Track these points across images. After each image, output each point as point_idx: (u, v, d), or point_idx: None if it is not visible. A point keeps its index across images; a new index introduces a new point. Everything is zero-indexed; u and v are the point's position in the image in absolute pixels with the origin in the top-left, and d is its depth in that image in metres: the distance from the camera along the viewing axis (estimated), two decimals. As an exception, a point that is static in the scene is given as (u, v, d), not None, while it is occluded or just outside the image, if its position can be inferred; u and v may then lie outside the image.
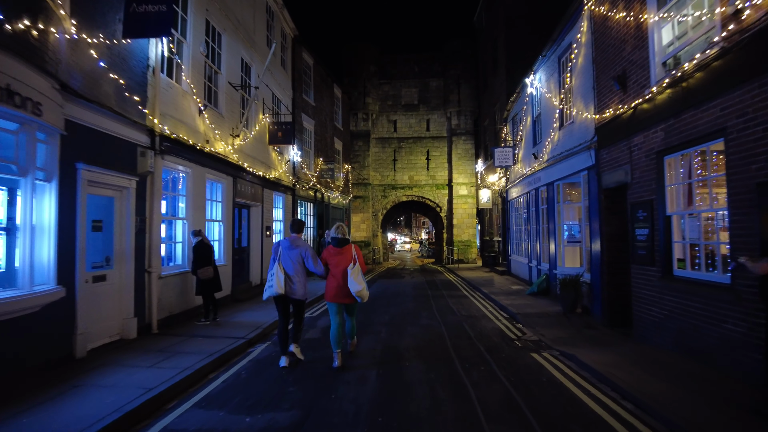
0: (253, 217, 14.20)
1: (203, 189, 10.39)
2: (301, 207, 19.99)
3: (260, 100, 14.53)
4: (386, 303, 12.58)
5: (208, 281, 9.15)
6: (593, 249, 10.08)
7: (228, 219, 11.81)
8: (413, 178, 31.63)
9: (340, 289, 6.44)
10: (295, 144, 18.23)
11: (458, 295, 14.23)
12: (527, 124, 15.92)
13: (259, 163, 14.18)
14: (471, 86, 30.89)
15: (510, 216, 19.75)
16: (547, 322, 9.62)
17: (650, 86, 7.31)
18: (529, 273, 15.77)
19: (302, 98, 19.85)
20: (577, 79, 10.85)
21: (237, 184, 12.32)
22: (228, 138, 11.87)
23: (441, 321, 9.99)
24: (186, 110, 9.63)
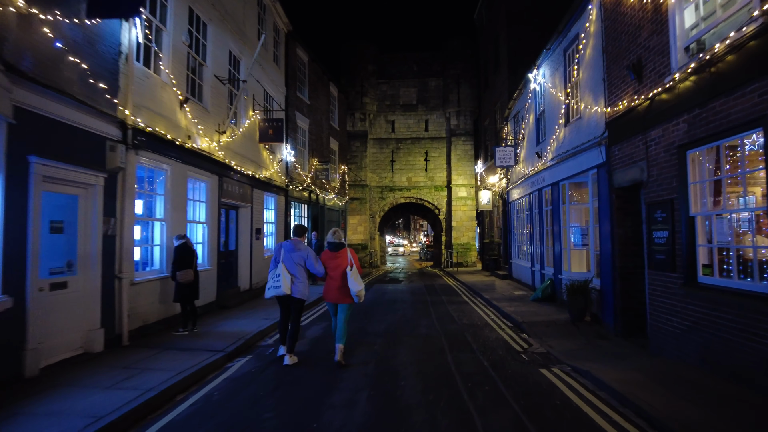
0: (241, 219, 13.47)
1: (184, 188, 9.68)
2: (295, 209, 19.28)
3: (250, 95, 13.83)
4: (383, 310, 11.85)
5: (186, 287, 8.44)
6: (603, 253, 9.38)
7: (213, 220, 11.09)
8: (411, 180, 30.94)
9: (338, 290, 6.77)
10: (288, 143, 17.55)
11: (458, 302, 13.51)
12: (530, 122, 15.24)
13: (249, 161, 13.47)
14: (471, 86, 30.25)
15: (511, 218, 19.05)
16: (555, 332, 8.91)
17: (671, 73, 6.62)
18: (532, 277, 15.07)
19: (296, 96, 19.16)
20: (585, 72, 10.16)
21: (223, 183, 11.61)
22: (213, 134, 11.16)
23: (441, 331, 9.26)
24: (165, 103, 8.93)
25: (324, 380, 6.04)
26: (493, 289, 15.48)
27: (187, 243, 8.66)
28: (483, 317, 10.92)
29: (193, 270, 8.57)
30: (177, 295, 8.48)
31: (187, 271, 8.44)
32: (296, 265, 6.80)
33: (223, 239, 12.35)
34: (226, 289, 12.21)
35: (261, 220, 14.71)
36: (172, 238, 8.97)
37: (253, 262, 13.71)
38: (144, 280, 8.22)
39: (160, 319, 8.75)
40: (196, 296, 8.71)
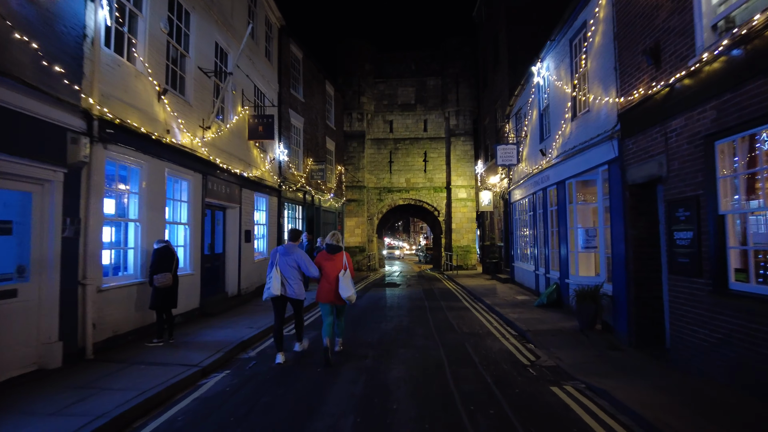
0: (229, 220, 12.76)
1: (163, 186, 8.97)
2: (289, 210, 18.57)
3: (239, 90, 13.14)
4: (378, 317, 11.12)
5: (164, 293, 7.74)
6: (615, 256, 8.67)
7: (196, 222, 10.37)
8: (410, 181, 30.24)
9: (331, 291, 7.01)
10: (281, 141, 16.87)
11: (458, 307, 12.78)
12: (533, 119, 14.55)
13: (237, 160, 12.76)
14: (470, 85, 29.59)
15: (513, 219, 18.34)
16: (563, 342, 8.20)
17: (696, 56, 5.92)
18: (536, 282, 14.35)
19: (290, 93, 18.47)
20: (594, 62, 9.47)
21: (208, 182, 10.89)
22: (197, 130, 10.45)
23: (439, 341, 8.54)
24: (140, 94, 8.22)
25: (306, 400, 5.32)
26: (495, 294, 14.76)
27: (168, 247, 7.98)
28: (485, 325, 10.19)
29: (172, 275, 7.87)
30: (153, 301, 7.78)
31: (166, 274, 7.78)
32: (290, 268, 7.02)
33: (208, 242, 11.64)
34: (212, 294, 11.48)
35: (251, 222, 13.99)
36: (153, 242, 8.29)
37: (242, 266, 12.99)
38: (115, 287, 7.50)
39: (135, 328, 8.03)
40: (173, 304, 8.00)
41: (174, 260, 8.00)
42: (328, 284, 7.03)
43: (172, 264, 7.93)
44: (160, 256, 7.87)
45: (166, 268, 7.85)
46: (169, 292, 7.89)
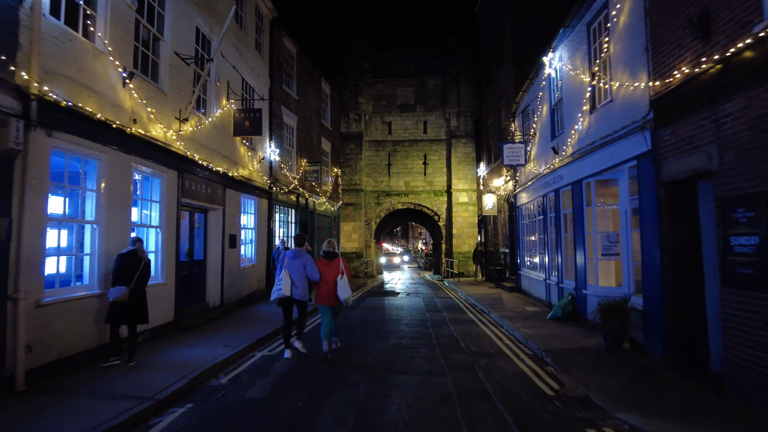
0: (211, 224, 11.61)
1: (128, 183, 7.82)
2: (280, 213, 17.43)
3: (224, 82, 12.03)
4: (373, 333, 9.95)
5: (118, 305, 6.63)
6: (647, 264, 7.55)
7: (170, 224, 9.22)
8: (409, 184, 29.13)
9: (329, 294, 7.52)
10: (272, 140, 15.76)
11: (464, 320, 11.62)
12: (543, 115, 13.45)
13: (220, 157, 11.63)
14: (471, 85, 28.55)
15: (519, 224, 17.21)
16: (588, 364, 7.07)
17: (765, 19, 4.82)
18: (547, 291, 13.20)
19: (282, 90, 17.37)
20: (619, 45, 8.38)
21: (185, 180, 9.76)
22: (172, 122, 9.33)
23: (445, 364, 7.37)
24: (99, 75, 7.10)
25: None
26: (502, 305, 13.61)
27: (135, 252, 6.86)
28: (495, 342, 9.04)
29: (132, 288, 6.71)
30: (107, 313, 6.68)
31: (122, 289, 6.64)
32: (298, 272, 7.49)
33: (186, 247, 10.49)
34: (189, 305, 10.32)
35: (236, 226, 12.83)
36: (115, 247, 7.18)
37: (225, 274, 11.83)
38: (63, 300, 6.34)
39: (93, 347, 6.87)
40: (139, 318, 6.89)
41: (140, 268, 6.86)
42: (327, 288, 7.55)
43: (135, 273, 6.79)
44: (123, 262, 6.78)
45: (127, 278, 6.73)
46: (128, 305, 6.77)
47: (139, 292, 6.92)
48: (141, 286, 6.95)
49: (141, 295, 6.98)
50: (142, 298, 7.01)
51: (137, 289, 6.88)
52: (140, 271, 6.88)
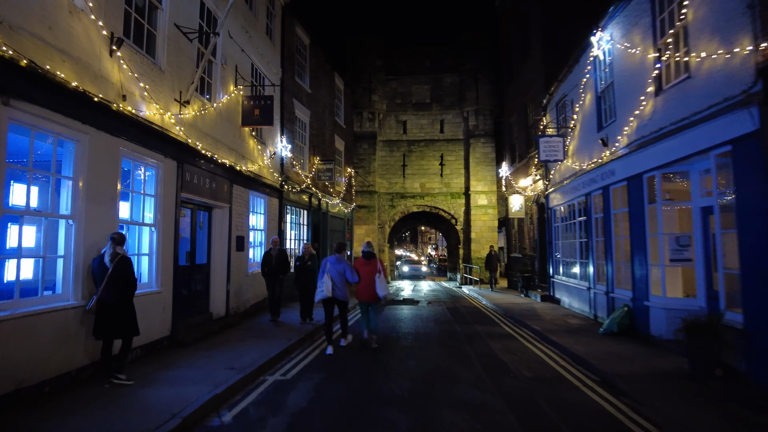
0: (216, 223, 10.31)
1: (115, 172, 6.51)
2: (292, 214, 16.12)
3: (231, 66, 10.76)
4: (401, 349, 8.56)
5: (97, 317, 5.64)
6: (747, 272, 6.13)
7: (167, 222, 7.90)
8: (425, 186, 27.78)
9: (367, 291, 8.33)
10: (283, 135, 14.48)
11: (500, 334, 10.21)
12: (586, 104, 12.05)
13: (226, 149, 10.34)
14: (490, 82, 27.23)
15: (552, 227, 15.77)
16: (676, 395, 5.67)
17: None
18: (591, 302, 11.75)
19: (295, 81, 16.10)
20: (703, 8, 6.98)
21: (185, 171, 8.45)
22: (170, 103, 8.05)
23: (497, 393, 5.97)
24: (77, 38, 5.81)
25: None
26: (538, 316, 12.18)
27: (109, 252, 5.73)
28: (547, 363, 7.63)
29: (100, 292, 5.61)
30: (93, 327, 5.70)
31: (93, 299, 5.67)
32: (339, 275, 8.20)
33: (186, 249, 9.18)
34: (190, 316, 9.00)
35: (244, 226, 11.52)
36: (95, 247, 5.91)
37: (231, 280, 10.50)
38: (23, 315, 5.00)
39: (63, 372, 5.54)
40: (121, 330, 5.71)
41: (108, 271, 5.67)
42: (366, 285, 8.31)
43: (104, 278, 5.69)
44: (97, 265, 5.80)
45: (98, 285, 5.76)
46: (109, 315, 5.67)
47: (115, 299, 5.69)
48: (114, 291, 5.69)
49: (118, 302, 5.75)
50: (121, 305, 5.79)
51: (110, 296, 5.66)
52: (110, 274, 5.64)
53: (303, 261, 10.71)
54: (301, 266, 10.68)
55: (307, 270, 10.56)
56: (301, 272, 10.62)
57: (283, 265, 10.72)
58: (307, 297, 10.56)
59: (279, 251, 10.88)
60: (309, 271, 10.54)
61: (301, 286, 10.55)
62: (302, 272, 10.60)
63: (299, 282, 10.60)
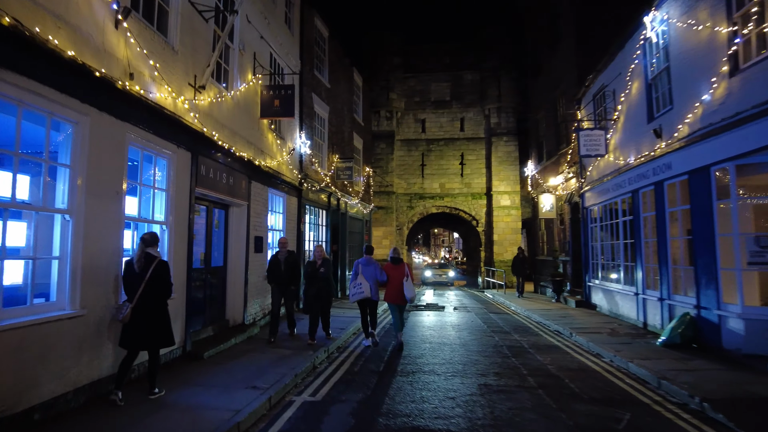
0: (233, 223, 9.48)
1: (121, 161, 5.68)
2: (311, 214, 15.26)
3: (249, 53, 9.94)
4: (440, 364, 7.61)
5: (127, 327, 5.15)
6: None
7: (180, 221, 7.06)
8: (444, 186, 26.84)
9: (396, 294, 8.53)
10: (302, 130, 13.65)
11: (545, 345, 9.22)
12: (633, 93, 11.03)
13: (244, 142, 9.52)
14: (512, 78, 26.27)
15: (588, 228, 14.73)
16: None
17: None
18: (641, 309, 10.71)
19: (313, 75, 15.27)
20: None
21: (200, 164, 7.62)
22: (184, 88, 7.22)
23: (570, 420, 5.00)
24: (77, 4, 4.99)
25: None
26: (579, 323, 11.16)
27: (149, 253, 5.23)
28: (611, 381, 6.65)
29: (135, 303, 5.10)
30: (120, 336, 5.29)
31: (123, 307, 5.12)
32: (371, 276, 8.65)
33: (201, 250, 8.35)
34: (204, 325, 8.17)
35: (263, 226, 10.67)
36: (95, 247, 5.17)
37: (249, 285, 9.65)
38: (5, 328, 4.16)
39: (57, 395, 4.69)
40: (156, 340, 5.34)
41: (147, 277, 5.15)
42: (394, 288, 8.51)
43: (140, 284, 5.10)
44: (126, 270, 5.34)
45: (132, 292, 5.17)
46: (140, 325, 5.15)
47: (149, 306, 5.18)
48: (148, 298, 5.17)
49: (153, 309, 5.22)
50: (156, 312, 5.26)
51: (147, 304, 5.14)
52: (147, 280, 5.12)
53: (314, 267, 8.83)
54: (312, 273, 8.81)
55: (319, 277, 8.76)
56: (312, 280, 8.78)
57: (293, 272, 8.98)
58: (316, 309, 8.75)
59: (288, 254, 9.02)
60: (321, 279, 8.79)
61: (311, 296, 8.73)
62: (313, 280, 8.77)
63: (309, 291, 8.80)
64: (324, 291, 8.79)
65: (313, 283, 8.77)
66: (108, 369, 5.36)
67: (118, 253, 5.58)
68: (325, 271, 8.84)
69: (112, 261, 5.45)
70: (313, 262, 8.97)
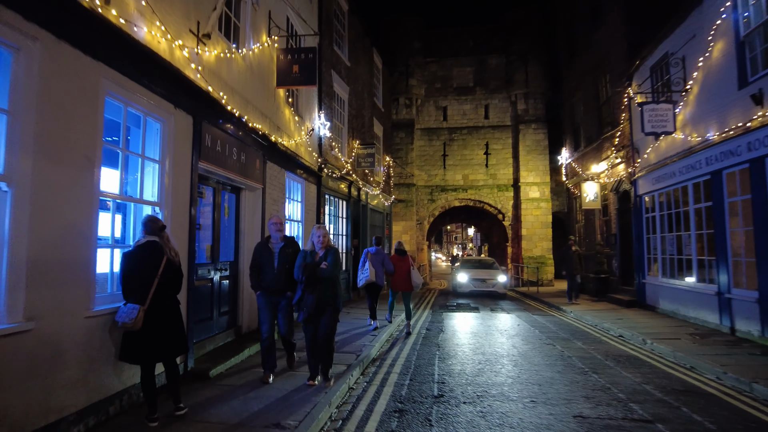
0: (246, 209, 7.96)
1: (91, 114, 4.13)
2: (330, 205, 13.76)
3: (263, 9, 8.40)
4: (505, 395, 6.00)
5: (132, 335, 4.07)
6: None
7: (178, 203, 5.55)
8: (468, 178, 25.16)
9: (403, 282, 9.37)
10: (321, 110, 12.13)
11: (623, 356, 7.59)
12: (714, 57, 9.34)
13: (258, 114, 8.00)
14: (541, 63, 24.52)
15: (642, 218, 13.04)
16: None
17: None
18: (724, 310, 9.03)
19: (332, 50, 13.74)
20: None
21: (204, 133, 6.10)
22: (184, 34, 5.70)
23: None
24: None
25: None
26: (644, 327, 9.58)
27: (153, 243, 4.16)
28: (736, 406, 5.06)
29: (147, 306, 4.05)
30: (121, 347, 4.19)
31: (131, 310, 4.00)
32: (378, 264, 9.25)
33: (208, 242, 6.83)
34: (212, 333, 6.65)
35: (280, 215, 9.13)
36: (41, 226, 3.68)
37: (264, 283, 8.11)
38: None
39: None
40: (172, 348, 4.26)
41: (159, 273, 4.08)
42: (401, 277, 9.39)
43: (152, 281, 4.03)
44: (132, 263, 4.13)
45: (142, 291, 4.07)
46: (152, 332, 4.11)
47: (163, 306, 4.19)
48: (164, 299, 4.22)
49: (167, 310, 4.25)
50: (169, 313, 4.27)
51: (157, 303, 4.13)
52: (160, 277, 4.12)
53: (312, 259, 5.37)
54: (310, 269, 5.28)
55: (319, 277, 5.29)
56: (309, 281, 5.30)
57: (290, 271, 5.52)
58: (312, 332, 5.45)
59: (287, 243, 5.70)
60: (323, 280, 5.32)
61: (309, 306, 5.30)
62: (311, 281, 5.30)
63: (306, 300, 5.33)
64: (326, 300, 5.33)
65: (310, 286, 5.30)
66: (77, 401, 3.86)
67: (89, 242, 4.06)
68: (329, 268, 5.30)
69: (79, 253, 3.94)
70: (311, 252, 5.43)
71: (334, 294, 5.42)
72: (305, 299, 5.31)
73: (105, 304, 4.25)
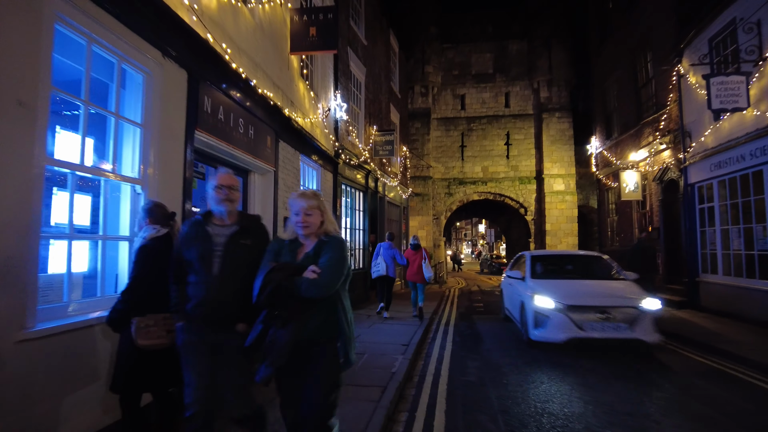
0: (256, 195, 6.70)
1: (26, 42, 2.86)
2: (347, 196, 12.47)
3: (274, -39, 7.10)
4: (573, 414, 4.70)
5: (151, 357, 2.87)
6: None
7: (168, 179, 4.27)
8: (488, 170, 23.81)
9: (415, 274, 10.02)
10: (337, 90, 10.84)
11: (699, 372, 6.27)
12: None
13: (269, 82, 6.71)
14: (565, 48, 23.11)
15: (696, 210, 11.65)
16: None
17: None
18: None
19: (349, 26, 12.44)
20: None
21: (202, 95, 4.81)
22: (175, -35, 4.41)
23: None
24: None
25: None
26: (710, 333, 8.23)
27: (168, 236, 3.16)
28: None
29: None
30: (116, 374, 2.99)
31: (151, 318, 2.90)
32: (390, 258, 9.88)
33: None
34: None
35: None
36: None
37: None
38: None
39: None
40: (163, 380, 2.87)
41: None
42: (413, 270, 10.04)
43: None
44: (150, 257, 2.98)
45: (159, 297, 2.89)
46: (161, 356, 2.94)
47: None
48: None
49: None
50: None
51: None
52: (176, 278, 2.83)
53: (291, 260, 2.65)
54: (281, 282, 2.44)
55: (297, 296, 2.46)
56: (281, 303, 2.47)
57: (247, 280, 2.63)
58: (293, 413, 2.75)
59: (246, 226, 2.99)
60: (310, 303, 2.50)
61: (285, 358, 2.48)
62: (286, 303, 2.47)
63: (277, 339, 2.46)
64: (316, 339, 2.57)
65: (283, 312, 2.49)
66: None
67: (26, 231, 2.78)
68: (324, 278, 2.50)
69: (6, 246, 2.66)
70: (291, 243, 2.75)
71: (334, 325, 2.59)
72: (273, 339, 2.47)
73: (56, 319, 2.97)
